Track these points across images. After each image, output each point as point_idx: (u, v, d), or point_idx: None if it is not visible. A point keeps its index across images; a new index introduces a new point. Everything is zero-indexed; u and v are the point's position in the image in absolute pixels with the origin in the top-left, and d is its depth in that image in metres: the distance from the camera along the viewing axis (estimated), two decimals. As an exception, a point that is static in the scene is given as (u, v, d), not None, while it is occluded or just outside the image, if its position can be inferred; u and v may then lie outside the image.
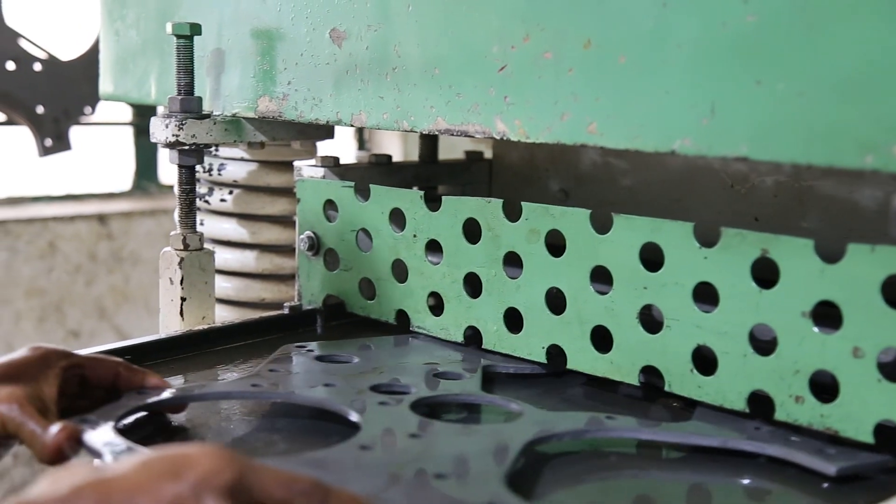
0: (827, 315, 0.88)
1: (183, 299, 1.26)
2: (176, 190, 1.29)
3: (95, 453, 0.82)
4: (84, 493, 0.60)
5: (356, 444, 0.85)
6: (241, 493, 0.62)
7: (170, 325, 1.27)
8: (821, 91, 0.80)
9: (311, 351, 1.11)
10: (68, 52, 2.55)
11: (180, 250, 1.26)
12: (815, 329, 0.88)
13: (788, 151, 0.82)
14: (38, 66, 2.51)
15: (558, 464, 0.89)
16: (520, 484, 0.82)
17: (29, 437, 0.83)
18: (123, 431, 0.86)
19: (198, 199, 1.51)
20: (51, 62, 2.53)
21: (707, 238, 0.94)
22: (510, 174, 1.49)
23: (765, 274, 0.91)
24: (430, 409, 0.97)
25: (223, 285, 1.51)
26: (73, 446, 0.83)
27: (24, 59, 2.49)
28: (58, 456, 0.82)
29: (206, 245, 1.30)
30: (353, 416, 0.92)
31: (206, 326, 1.22)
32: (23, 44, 2.48)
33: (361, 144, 3.36)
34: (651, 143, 0.91)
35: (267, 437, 0.94)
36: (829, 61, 0.80)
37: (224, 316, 1.47)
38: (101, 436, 0.83)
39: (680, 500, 0.88)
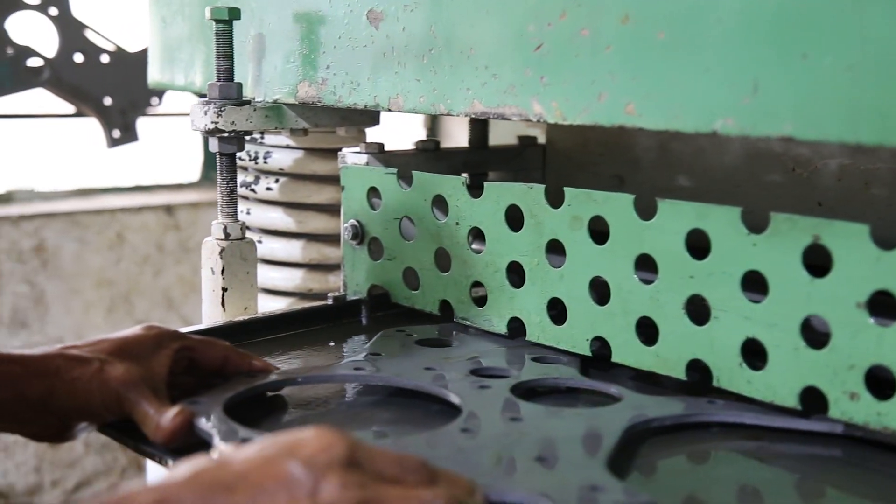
0: (884, 305, 0.82)
1: (224, 289, 1.24)
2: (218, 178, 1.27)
3: (206, 436, 0.83)
4: (202, 476, 0.62)
5: (458, 426, 0.85)
6: (354, 469, 0.63)
7: (212, 315, 1.25)
8: (871, 65, 0.74)
9: (411, 335, 1.12)
10: (135, 43, 2.56)
11: (221, 240, 1.24)
12: (871, 320, 0.82)
13: (836, 130, 0.77)
14: (105, 58, 2.52)
15: (659, 447, 0.88)
16: (621, 468, 0.80)
17: (142, 417, 0.85)
18: (230, 413, 0.87)
19: (244, 188, 1.49)
20: (118, 54, 2.54)
21: (756, 224, 0.89)
22: (564, 159, 1.44)
23: (817, 262, 0.85)
24: (529, 392, 0.97)
25: (270, 275, 1.49)
26: (186, 430, 0.85)
27: (92, 51, 2.50)
28: (171, 439, 0.84)
29: (252, 235, 1.28)
30: (455, 400, 0.92)
31: (247, 317, 1.20)
32: (90, 35, 2.49)
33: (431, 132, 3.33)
34: (691, 124, 0.86)
35: (369, 420, 0.95)
36: (880, 33, 0.74)
37: (272, 306, 1.45)
38: (212, 419, 0.85)
39: (788, 475, 0.85)
